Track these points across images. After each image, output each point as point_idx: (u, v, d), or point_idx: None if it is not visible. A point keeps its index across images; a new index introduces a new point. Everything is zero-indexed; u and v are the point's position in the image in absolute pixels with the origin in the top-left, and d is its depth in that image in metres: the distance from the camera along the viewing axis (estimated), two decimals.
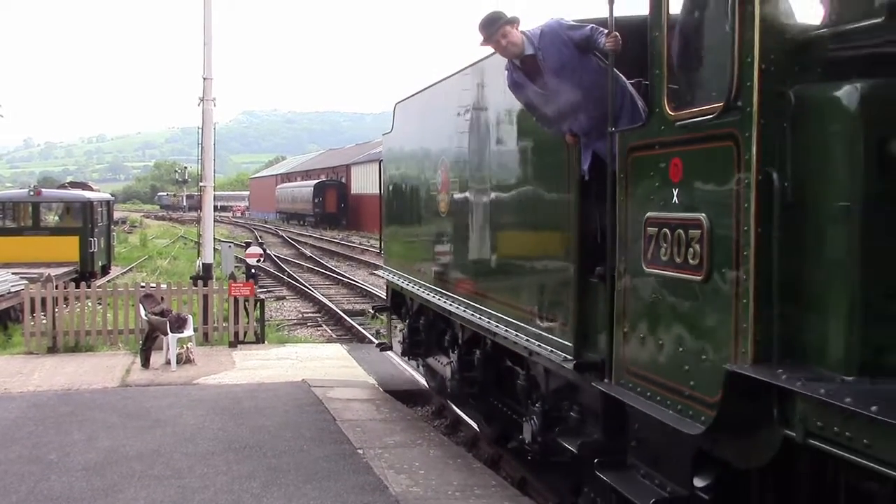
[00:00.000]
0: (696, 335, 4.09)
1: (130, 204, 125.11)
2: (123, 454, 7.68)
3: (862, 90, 3.38)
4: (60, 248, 23.28)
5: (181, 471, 7.20)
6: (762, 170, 3.63)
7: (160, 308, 12.36)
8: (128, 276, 26.73)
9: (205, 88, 15.40)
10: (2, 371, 11.66)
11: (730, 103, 3.72)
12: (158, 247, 41.57)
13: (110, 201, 29.75)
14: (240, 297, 13.69)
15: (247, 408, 9.40)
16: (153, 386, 10.70)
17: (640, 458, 4.76)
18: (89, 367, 11.87)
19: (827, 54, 3.65)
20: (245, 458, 7.57)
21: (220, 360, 12.37)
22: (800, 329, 3.59)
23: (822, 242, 3.50)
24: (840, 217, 3.40)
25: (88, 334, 13.31)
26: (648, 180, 4.49)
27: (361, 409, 9.51)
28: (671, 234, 4.24)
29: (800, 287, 3.59)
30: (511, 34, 5.44)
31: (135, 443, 8.04)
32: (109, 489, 6.75)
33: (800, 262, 3.58)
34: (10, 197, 26.64)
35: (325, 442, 8.07)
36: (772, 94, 3.63)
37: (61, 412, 9.25)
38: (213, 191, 16.38)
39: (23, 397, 10.03)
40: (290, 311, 20.29)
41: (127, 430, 8.53)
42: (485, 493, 6.72)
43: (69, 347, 13.12)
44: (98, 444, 8.00)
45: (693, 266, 4.06)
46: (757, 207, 3.63)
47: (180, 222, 71.17)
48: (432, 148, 9.01)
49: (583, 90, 5.28)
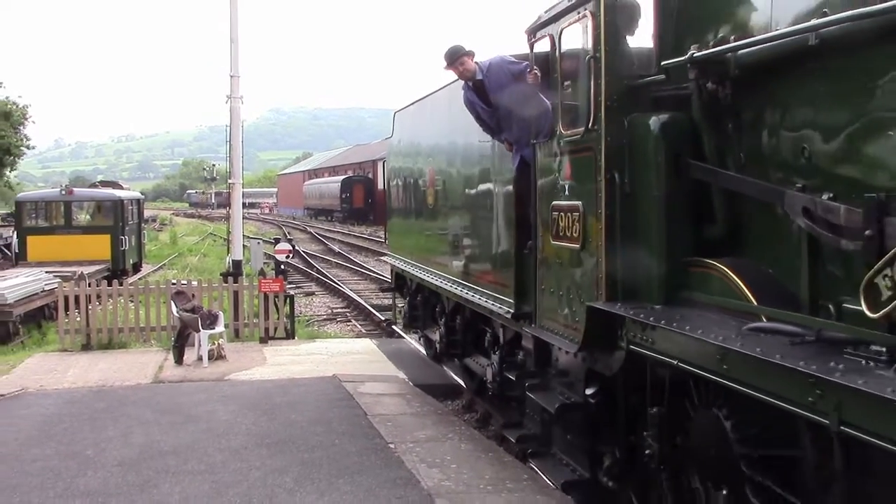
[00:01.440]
0: (576, 286, 5.91)
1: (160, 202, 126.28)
2: (158, 449, 7.76)
3: (661, 120, 5.13)
4: (92, 246, 23.55)
5: (215, 466, 7.25)
6: (609, 171, 5.39)
7: (191, 305, 12.46)
8: (158, 273, 27.00)
9: (232, 86, 15.46)
10: (37, 368, 11.83)
11: (589, 127, 5.56)
12: (188, 244, 41.97)
13: (140, 200, 30.04)
14: (270, 293, 13.76)
15: (278, 403, 9.45)
16: (186, 382, 10.79)
17: (558, 380, 6.65)
18: (123, 363, 12.00)
19: (649, 95, 5.42)
20: (278, 452, 7.61)
21: (251, 356, 12.46)
22: (633, 278, 5.31)
23: (645, 220, 5.23)
24: (654, 203, 5.12)
25: (121, 331, 13.45)
26: (553, 178, 6.31)
27: (392, 403, 9.53)
28: (565, 216, 6.06)
29: (632, 250, 5.30)
30: (466, 63, 7.17)
31: (169, 438, 8.11)
32: (144, 484, 6.81)
33: (632, 234, 5.32)
34: (42, 196, 26.98)
35: (357, 436, 8.10)
36: (614, 121, 5.40)
37: (96, 408, 9.36)
38: (242, 188, 16.46)
39: (58, 394, 10.16)
40: (319, 307, 20.38)
41: (161, 425, 8.61)
42: (517, 487, 6.71)
43: (102, 345, 13.27)
44: (132, 440, 8.08)
45: (575, 238, 5.87)
46: (606, 197, 5.40)
47: (209, 220, 71.71)
48: (421, 151, 10.86)
49: (515, 109, 6.88)
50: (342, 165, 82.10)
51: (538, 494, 6.57)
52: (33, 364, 12.21)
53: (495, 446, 8.06)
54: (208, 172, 72.62)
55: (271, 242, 21.89)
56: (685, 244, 5.06)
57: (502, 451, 7.89)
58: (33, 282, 17.76)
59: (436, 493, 6.50)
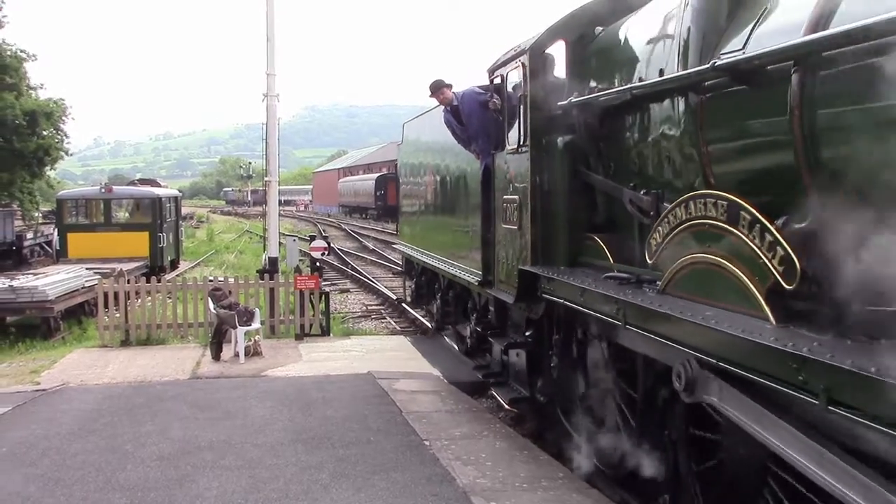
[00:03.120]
0: (515, 256, 8.14)
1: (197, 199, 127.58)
2: (195, 445, 7.85)
3: (564, 140, 7.40)
4: (131, 243, 23.83)
5: (252, 461, 7.32)
6: (534, 175, 7.61)
7: (228, 301, 12.57)
8: (196, 270, 27.25)
9: (268, 84, 15.55)
10: (78, 364, 12.02)
11: (522, 143, 7.89)
12: (225, 241, 42.34)
13: (178, 197, 30.30)
14: (305, 290, 13.85)
15: (314, 399, 9.51)
16: (223, 378, 10.89)
17: (511, 329, 9.41)
18: (161, 359, 12.14)
19: (562, 122, 7.40)
20: (314, 449, 7.66)
21: (287, 353, 12.54)
22: (549, 248, 7.58)
23: (556, 209, 7.52)
24: (562, 198, 7.47)
25: (159, 327, 13.61)
26: (503, 179, 8.58)
27: (427, 400, 9.54)
28: (509, 206, 8.28)
29: (548, 230, 7.58)
30: (445, 93, 9.49)
31: (206, 433, 8.20)
32: (183, 479, 6.89)
33: (549, 219, 7.56)
34: (82, 194, 27.32)
35: (392, 433, 8.12)
36: (537, 141, 7.64)
37: (135, 403, 9.48)
38: (278, 185, 16.55)
39: (98, 389, 10.31)
40: (354, 304, 20.43)
41: (198, 421, 8.70)
42: (552, 486, 6.69)
43: (141, 340, 13.44)
44: (171, 435, 8.18)
45: (514, 222, 8.09)
46: (531, 193, 7.63)
47: (245, 217, 72.26)
48: (422, 156, 13.20)
49: (481, 128, 9.13)
50: (376, 163, 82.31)
51: (574, 493, 6.54)
52: (74, 359, 12.41)
53: (530, 444, 8.03)
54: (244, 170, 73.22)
55: (307, 240, 21.98)
56: (582, 225, 7.35)
57: (537, 449, 7.86)
58: (74, 278, 18.03)
59: (471, 491, 6.50)
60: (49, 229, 31.72)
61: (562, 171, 7.40)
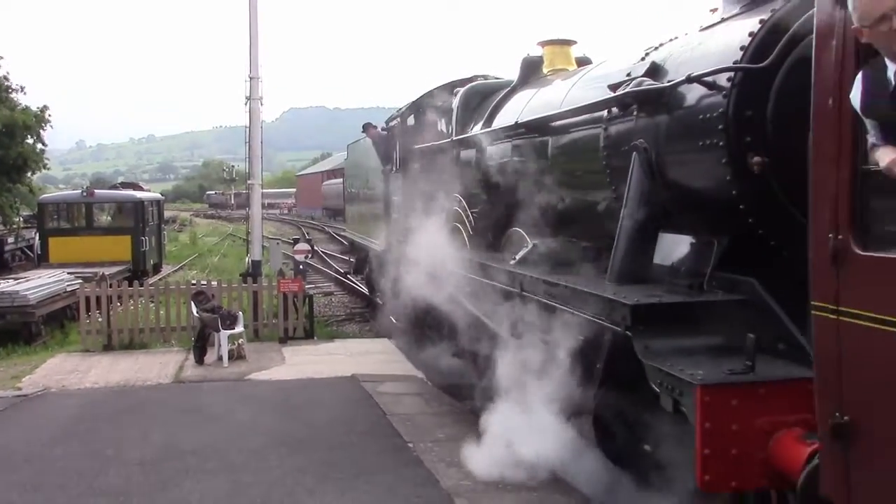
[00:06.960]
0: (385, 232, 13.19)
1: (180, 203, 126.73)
2: (178, 449, 7.82)
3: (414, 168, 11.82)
4: (113, 247, 23.65)
5: (235, 465, 7.30)
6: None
7: (211, 305, 12.53)
8: (179, 274, 27.16)
9: (251, 88, 15.52)
10: (60, 368, 11.94)
11: (397, 167, 12.40)
12: (208, 245, 42.16)
13: (160, 201, 30.16)
14: (289, 293, 13.83)
15: (298, 403, 9.49)
16: (206, 382, 10.86)
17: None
18: (144, 363, 12.09)
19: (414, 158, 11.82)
20: (297, 452, 7.65)
21: (271, 356, 12.52)
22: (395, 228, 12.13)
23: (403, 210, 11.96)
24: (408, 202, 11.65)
25: (142, 332, 13.55)
26: (390, 189, 13.04)
27: (411, 403, 9.54)
28: (389, 206, 12.96)
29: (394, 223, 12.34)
30: (371, 131, 14.40)
31: (189, 438, 8.17)
32: (165, 483, 6.87)
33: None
34: (63, 198, 27.15)
35: (377, 436, 8.12)
36: (403, 166, 12.00)
37: (118, 408, 9.44)
38: (261, 189, 16.51)
39: (80, 394, 10.26)
40: (338, 307, 20.40)
41: (181, 425, 8.67)
42: (536, 486, 6.70)
43: (124, 345, 13.37)
44: (153, 439, 8.15)
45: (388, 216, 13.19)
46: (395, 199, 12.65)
47: (229, 220, 71.87)
48: (358, 169, 17.52)
49: (386, 155, 13.37)
50: None
51: (556, 493, 6.56)
52: (55, 364, 12.33)
53: None
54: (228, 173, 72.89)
55: (290, 242, 21.94)
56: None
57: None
58: (55, 283, 17.88)
59: (455, 493, 6.51)
60: (30, 234, 31.46)
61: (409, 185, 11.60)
